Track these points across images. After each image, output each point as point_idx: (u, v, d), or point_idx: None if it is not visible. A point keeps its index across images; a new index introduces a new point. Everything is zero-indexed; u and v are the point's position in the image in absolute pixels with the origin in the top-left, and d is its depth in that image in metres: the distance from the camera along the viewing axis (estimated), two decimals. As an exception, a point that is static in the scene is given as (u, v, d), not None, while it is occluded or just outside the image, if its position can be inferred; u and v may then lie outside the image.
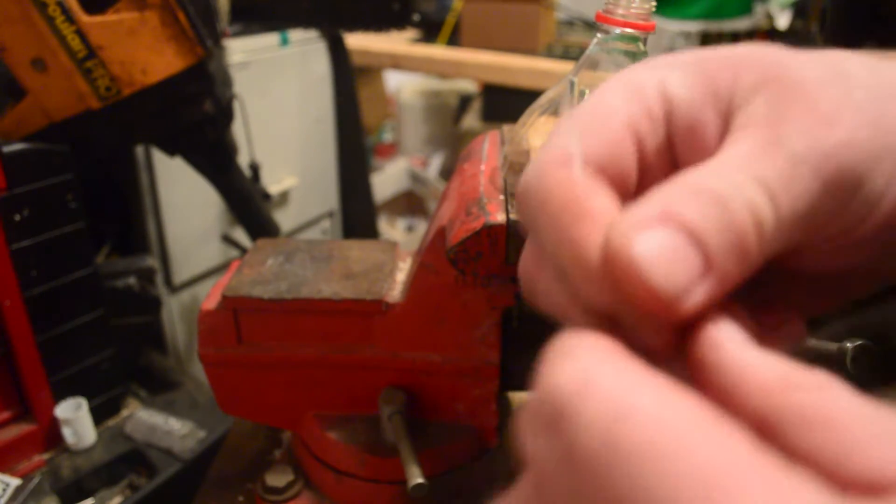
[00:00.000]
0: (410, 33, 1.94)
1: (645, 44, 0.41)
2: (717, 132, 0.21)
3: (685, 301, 0.17)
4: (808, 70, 0.20)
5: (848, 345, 0.40)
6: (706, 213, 0.17)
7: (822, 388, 0.15)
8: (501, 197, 0.42)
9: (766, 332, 0.20)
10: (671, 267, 0.17)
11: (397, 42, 1.84)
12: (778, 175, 0.18)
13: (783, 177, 0.18)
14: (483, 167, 0.47)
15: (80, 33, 0.68)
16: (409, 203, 2.44)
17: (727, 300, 0.18)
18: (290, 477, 0.50)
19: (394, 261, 0.51)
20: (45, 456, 0.76)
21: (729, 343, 0.17)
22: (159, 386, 0.90)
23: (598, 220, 0.18)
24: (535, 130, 0.49)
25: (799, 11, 1.86)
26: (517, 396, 0.55)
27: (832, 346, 0.36)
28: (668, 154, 0.21)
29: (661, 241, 0.17)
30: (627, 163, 0.20)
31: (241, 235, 1.17)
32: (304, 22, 1.31)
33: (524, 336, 0.47)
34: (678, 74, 0.21)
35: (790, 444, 0.15)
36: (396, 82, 2.61)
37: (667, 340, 0.18)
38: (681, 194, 0.18)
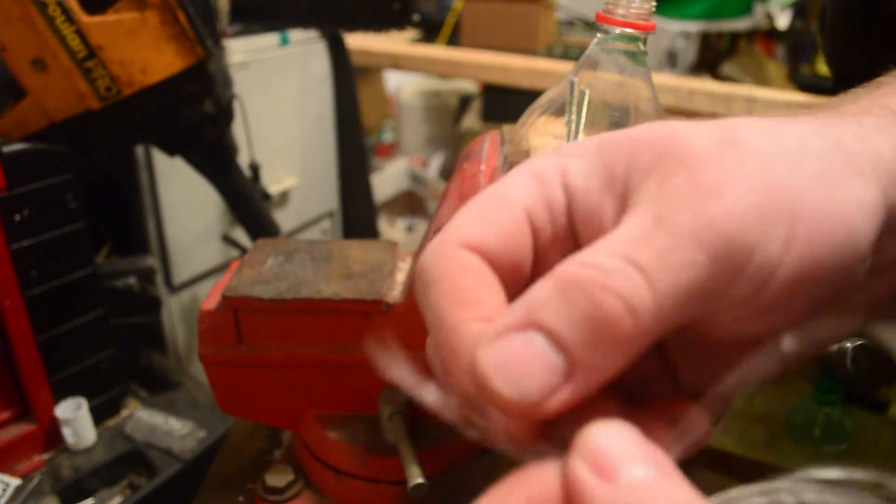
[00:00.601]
0: (410, 33, 1.94)
1: (645, 44, 0.41)
2: (616, 215, 0.21)
3: (544, 405, 0.17)
4: (698, 142, 0.20)
5: (848, 345, 0.40)
6: (568, 310, 0.17)
7: None
8: (501, 197, 0.42)
9: (665, 425, 0.20)
10: (522, 376, 0.17)
11: (397, 42, 1.84)
12: (656, 254, 0.18)
13: (662, 254, 0.18)
14: (483, 167, 0.47)
15: (80, 33, 0.68)
16: (409, 203, 2.44)
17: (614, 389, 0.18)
18: (290, 477, 0.50)
19: (394, 261, 0.51)
20: (45, 456, 0.76)
21: (582, 456, 0.17)
22: (159, 386, 0.90)
23: (477, 311, 0.19)
24: (535, 130, 0.49)
25: (799, 11, 1.86)
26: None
27: (832, 347, 0.36)
28: (571, 238, 0.22)
29: (515, 349, 0.17)
30: (522, 252, 0.21)
31: (241, 235, 1.17)
32: (304, 22, 1.31)
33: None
34: (579, 164, 0.21)
35: None
36: (396, 82, 2.60)
37: (532, 434, 0.18)
38: (547, 292, 0.18)
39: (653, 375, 0.23)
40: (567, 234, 0.21)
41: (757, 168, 0.20)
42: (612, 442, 0.17)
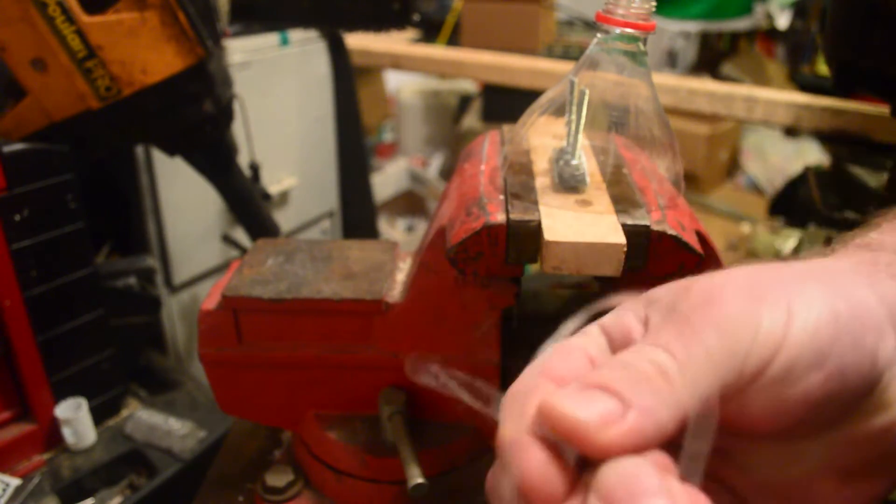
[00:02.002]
0: (410, 33, 1.94)
1: (645, 44, 0.41)
2: (640, 335, 0.26)
3: (612, 429, 0.21)
4: (693, 280, 0.26)
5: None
6: (613, 371, 0.23)
7: None
8: (501, 197, 0.42)
9: None
10: (588, 407, 0.22)
11: (397, 42, 1.84)
12: (670, 334, 0.24)
13: (674, 332, 0.23)
14: (483, 167, 0.47)
15: (80, 33, 0.68)
16: (409, 203, 2.44)
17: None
18: (290, 477, 0.51)
19: (394, 261, 0.51)
20: (45, 456, 0.76)
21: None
22: (159, 386, 0.90)
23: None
24: (535, 130, 0.49)
25: (799, 11, 1.86)
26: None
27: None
28: None
29: (576, 394, 0.22)
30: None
31: (241, 235, 1.17)
32: (304, 22, 1.31)
33: (524, 336, 0.47)
34: (610, 316, 0.27)
35: None
36: (396, 82, 2.60)
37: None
38: (595, 371, 0.24)
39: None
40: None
41: (745, 273, 0.25)
42: (624, 473, 0.20)
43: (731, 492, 0.27)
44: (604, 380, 0.22)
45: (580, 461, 0.22)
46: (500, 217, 0.40)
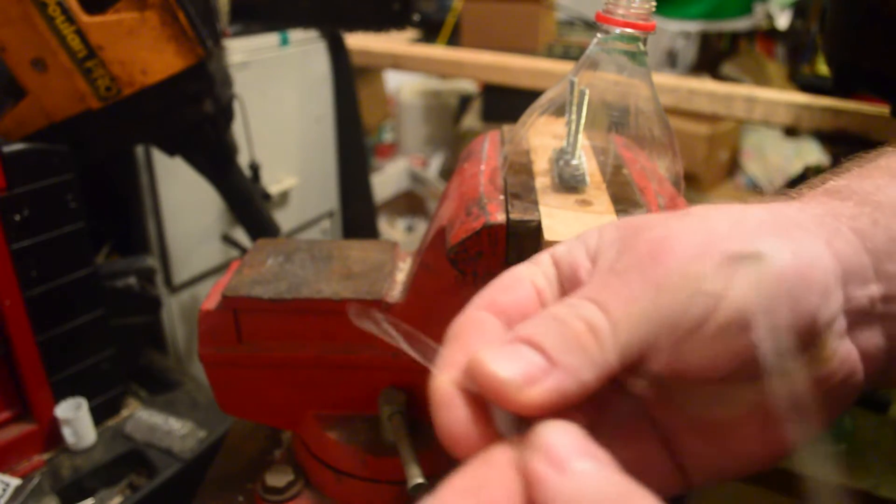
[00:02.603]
0: (410, 33, 1.94)
1: (645, 44, 0.41)
2: (589, 275, 0.26)
3: (533, 389, 0.22)
4: (651, 217, 0.27)
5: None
6: (544, 327, 0.23)
7: None
8: (501, 197, 0.42)
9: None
10: (512, 364, 0.22)
11: (397, 42, 1.84)
12: (612, 293, 0.24)
13: (616, 292, 0.24)
14: (483, 167, 0.47)
15: (80, 33, 0.68)
16: (409, 203, 2.44)
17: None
18: (290, 477, 0.51)
19: (394, 261, 0.51)
20: (45, 456, 0.76)
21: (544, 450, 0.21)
22: (159, 386, 0.90)
23: (484, 336, 0.25)
24: (535, 130, 0.49)
25: (799, 11, 1.86)
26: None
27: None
28: (563, 295, 0.27)
29: (506, 349, 0.23)
30: (532, 308, 0.27)
31: (241, 235, 1.16)
32: (304, 22, 1.31)
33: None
34: (561, 246, 0.28)
35: None
36: (396, 82, 2.60)
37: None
38: (529, 321, 0.24)
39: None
40: (560, 292, 0.27)
41: (699, 221, 0.25)
42: (563, 438, 0.21)
43: (657, 427, 0.27)
44: (532, 334, 0.23)
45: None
46: (500, 217, 0.40)
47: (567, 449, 0.20)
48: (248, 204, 0.95)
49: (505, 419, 0.22)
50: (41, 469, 0.74)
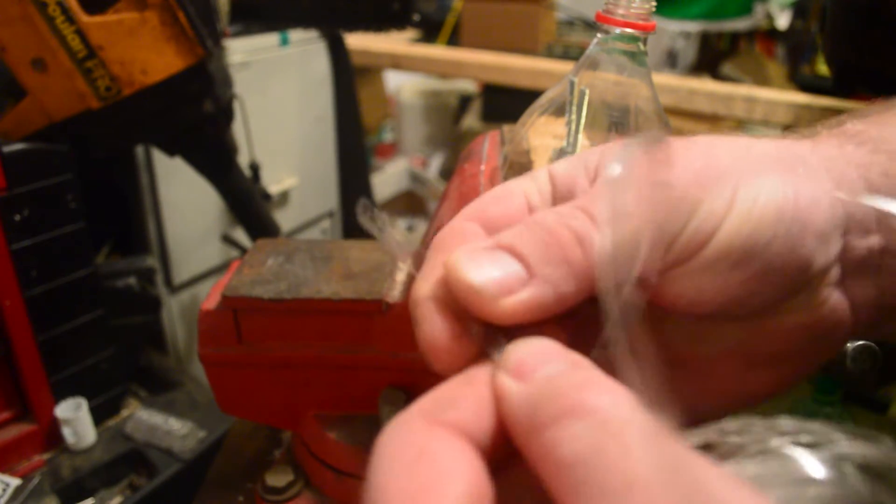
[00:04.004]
0: (410, 33, 1.94)
1: (645, 44, 0.41)
2: (585, 191, 0.25)
3: (508, 299, 0.20)
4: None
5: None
6: (527, 234, 0.21)
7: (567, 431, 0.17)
8: (501, 197, 0.42)
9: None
10: (489, 271, 0.20)
11: (397, 42, 1.84)
12: (601, 203, 0.22)
13: (605, 203, 0.22)
14: (483, 167, 0.47)
15: (80, 33, 0.68)
16: (409, 203, 2.44)
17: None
18: (290, 477, 0.50)
19: (394, 261, 0.51)
20: (45, 456, 0.76)
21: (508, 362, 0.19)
22: (159, 386, 0.90)
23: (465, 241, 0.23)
24: (535, 130, 0.49)
25: (799, 11, 1.86)
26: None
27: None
28: None
29: (483, 255, 0.21)
30: (519, 219, 0.25)
31: (241, 235, 1.17)
32: (304, 22, 1.31)
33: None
34: (562, 163, 0.26)
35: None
36: (396, 82, 2.60)
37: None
38: (513, 228, 0.22)
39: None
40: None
41: (703, 150, 0.24)
42: (531, 350, 0.19)
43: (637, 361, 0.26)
44: (513, 241, 0.21)
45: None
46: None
47: (533, 358, 0.19)
48: (248, 204, 0.95)
49: (482, 331, 0.21)
50: (41, 469, 0.74)
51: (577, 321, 0.23)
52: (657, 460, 0.15)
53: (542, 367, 0.19)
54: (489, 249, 0.21)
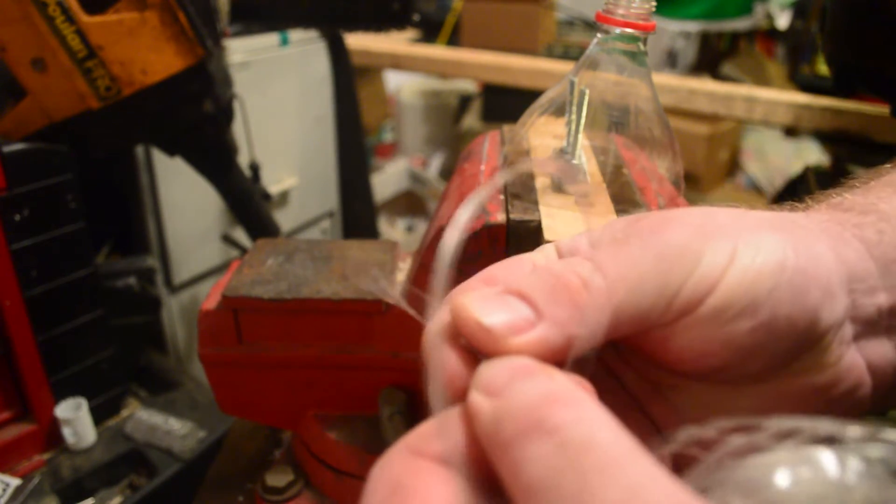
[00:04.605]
0: (410, 33, 1.94)
1: (645, 44, 0.41)
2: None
3: (517, 338, 0.21)
4: (654, 212, 0.26)
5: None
6: (535, 280, 0.22)
7: None
8: (501, 197, 0.42)
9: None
10: (498, 313, 0.21)
11: (397, 42, 1.84)
12: (610, 255, 0.23)
13: (614, 254, 0.23)
14: (483, 167, 0.47)
15: (80, 33, 0.68)
16: (409, 203, 2.44)
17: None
18: (290, 477, 0.50)
19: (394, 261, 0.51)
20: (45, 456, 0.76)
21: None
22: (159, 386, 0.90)
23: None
24: (535, 130, 0.49)
25: (799, 11, 1.86)
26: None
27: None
28: None
29: (490, 297, 0.22)
30: None
31: (241, 235, 1.17)
32: (304, 22, 1.31)
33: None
34: (566, 238, 0.27)
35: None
36: (396, 82, 2.60)
37: None
38: (523, 277, 0.23)
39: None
40: None
41: (702, 211, 0.25)
42: (504, 366, 0.20)
43: (654, 424, 0.26)
44: (522, 286, 0.22)
45: None
46: (500, 217, 0.40)
47: (504, 373, 0.19)
48: (248, 204, 0.95)
49: None
50: (41, 469, 0.74)
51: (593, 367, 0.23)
52: (614, 492, 0.15)
53: (512, 382, 0.19)
54: (498, 294, 0.22)
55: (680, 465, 0.21)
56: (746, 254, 0.23)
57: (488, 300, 0.22)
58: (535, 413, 0.17)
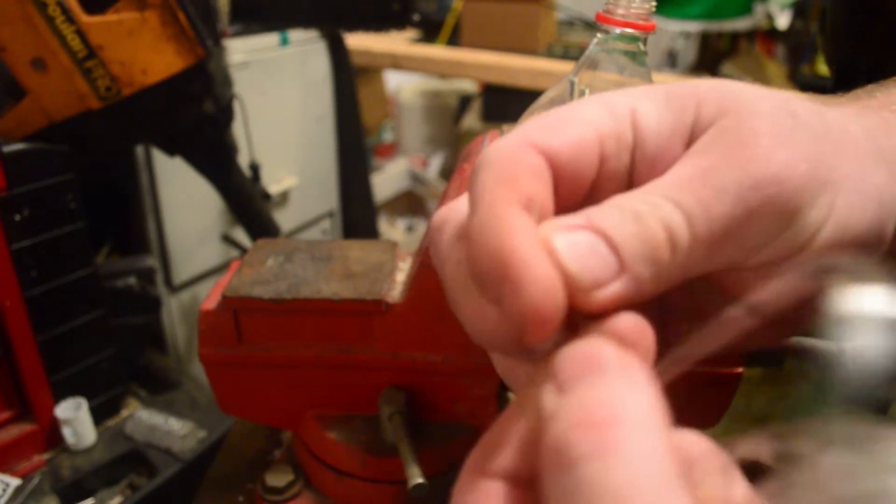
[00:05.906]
0: (410, 33, 1.94)
1: (645, 44, 0.41)
2: (677, 163, 0.22)
3: (599, 293, 0.19)
4: (760, 106, 0.22)
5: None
6: (623, 225, 0.20)
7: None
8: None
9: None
10: (587, 260, 0.19)
11: (397, 42, 1.84)
12: (697, 201, 0.20)
13: (702, 203, 0.20)
14: (483, 167, 0.47)
15: (80, 33, 0.68)
16: (409, 203, 2.44)
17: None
18: (290, 477, 0.50)
19: (394, 261, 0.51)
20: (45, 456, 0.76)
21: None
22: (159, 386, 0.90)
23: (522, 194, 0.20)
24: (535, 130, 0.49)
25: (799, 11, 1.86)
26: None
27: (832, 346, 0.36)
28: (628, 175, 0.23)
29: (581, 239, 0.19)
30: (587, 171, 0.22)
31: (241, 235, 1.17)
32: (304, 22, 1.31)
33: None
34: (650, 107, 0.22)
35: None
36: (396, 82, 2.60)
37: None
38: (605, 209, 0.20)
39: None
40: (625, 171, 0.23)
41: (809, 141, 0.22)
42: (569, 357, 0.18)
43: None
44: (609, 227, 0.19)
45: None
46: (500, 217, 0.40)
47: (575, 368, 0.18)
48: (248, 204, 0.95)
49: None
50: (41, 469, 0.74)
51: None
52: None
53: (581, 378, 0.17)
54: (584, 229, 0.20)
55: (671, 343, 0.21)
56: (842, 213, 0.22)
57: (576, 240, 0.19)
58: (594, 433, 0.16)
